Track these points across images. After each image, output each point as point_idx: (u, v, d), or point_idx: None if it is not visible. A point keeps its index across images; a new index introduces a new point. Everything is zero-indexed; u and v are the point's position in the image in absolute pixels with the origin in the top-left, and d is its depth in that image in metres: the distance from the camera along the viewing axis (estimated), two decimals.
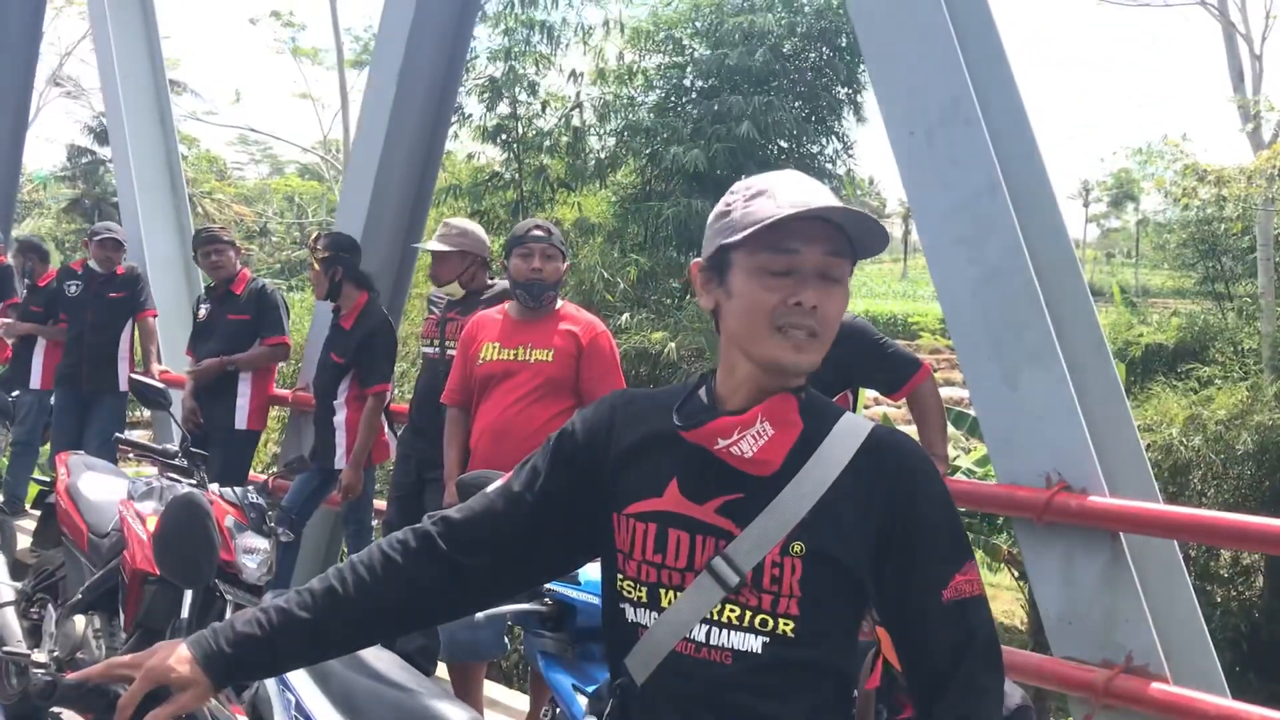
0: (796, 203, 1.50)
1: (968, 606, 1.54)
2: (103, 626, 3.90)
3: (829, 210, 1.51)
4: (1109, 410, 3.79)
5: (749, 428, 1.51)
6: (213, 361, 5.92)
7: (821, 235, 1.52)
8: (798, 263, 1.52)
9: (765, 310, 1.52)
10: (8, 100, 9.66)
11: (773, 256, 1.52)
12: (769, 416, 1.52)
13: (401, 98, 5.84)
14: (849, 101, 18.85)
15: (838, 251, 1.54)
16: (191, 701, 1.59)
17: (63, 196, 35.51)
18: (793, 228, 1.51)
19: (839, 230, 1.53)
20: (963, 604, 1.53)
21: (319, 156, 38.52)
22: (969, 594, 1.54)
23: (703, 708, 1.51)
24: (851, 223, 1.53)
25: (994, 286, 3.65)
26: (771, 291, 1.52)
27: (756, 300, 1.53)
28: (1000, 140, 3.77)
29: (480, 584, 1.67)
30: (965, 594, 1.54)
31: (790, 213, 1.49)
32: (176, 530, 2.19)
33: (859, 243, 1.56)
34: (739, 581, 1.49)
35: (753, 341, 1.54)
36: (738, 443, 1.51)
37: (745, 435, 1.51)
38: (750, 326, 1.54)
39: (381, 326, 5.22)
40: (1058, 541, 3.55)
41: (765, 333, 1.53)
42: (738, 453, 1.52)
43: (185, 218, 7.80)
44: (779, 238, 1.52)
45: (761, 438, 1.51)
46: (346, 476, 5.07)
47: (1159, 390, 15.02)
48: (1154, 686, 3.34)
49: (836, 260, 1.54)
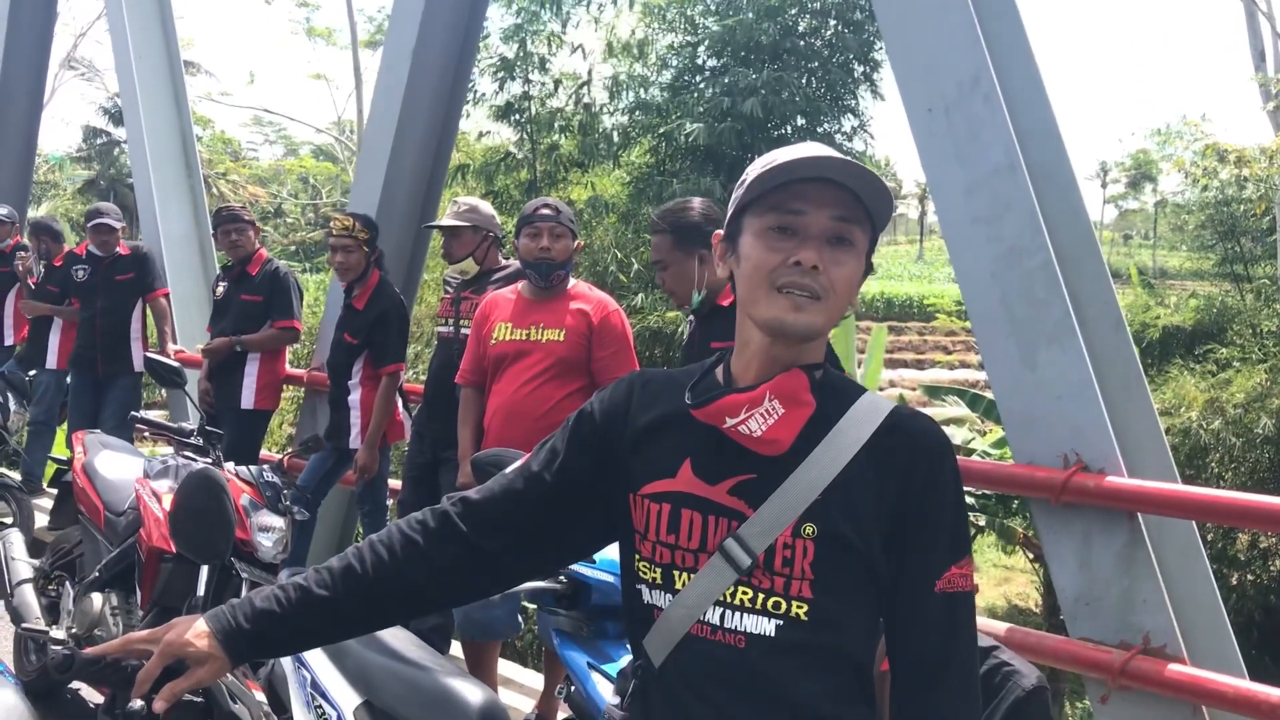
0: (802, 160, 1.49)
1: (957, 601, 1.52)
2: (119, 604, 3.92)
3: (828, 164, 1.49)
4: (1128, 390, 3.76)
5: (757, 406, 1.49)
6: (222, 341, 5.96)
7: (830, 199, 1.50)
8: (802, 224, 1.50)
9: (766, 270, 1.51)
10: (22, 82, 9.66)
11: (778, 217, 1.51)
12: (778, 394, 1.50)
13: (415, 77, 5.82)
14: (865, 79, 18.72)
15: (849, 217, 1.52)
16: (207, 676, 1.59)
17: (78, 177, 35.62)
18: (799, 190, 1.50)
19: (853, 197, 1.51)
20: (953, 598, 1.51)
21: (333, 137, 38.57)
22: (961, 588, 1.52)
23: (719, 690, 1.50)
24: (856, 181, 1.50)
25: (1012, 265, 3.62)
26: (774, 252, 1.51)
27: (759, 260, 1.52)
28: (1019, 117, 3.73)
29: (499, 565, 1.67)
30: (957, 588, 1.52)
31: (789, 162, 1.49)
32: (193, 506, 2.20)
33: (875, 209, 1.54)
34: (751, 563, 1.47)
35: (754, 303, 1.53)
36: (745, 421, 1.49)
37: (754, 414, 1.49)
38: (752, 287, 1.53)
39: (395, 306, 5.22)
40: (1075, 522, 3.53)
41: (765, 292, 1.51)
42: (746, 432, 1.50)
43: (200, 197, 7.80)
44: (785, 199, 1.51)
45: (770, 416, 1.49)
46: (361, 456, 5.08)
47: (1176, 373, 14.93)
48: (1171, 668, 3.32)
49: (846, 225, 1.51)
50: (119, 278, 6.92)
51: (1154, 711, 3.40)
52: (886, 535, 1.49)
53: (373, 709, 2.38)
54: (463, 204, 4.78)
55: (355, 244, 5.14)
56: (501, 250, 4.85)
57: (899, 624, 1.53)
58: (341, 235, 5.16)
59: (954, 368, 29.09)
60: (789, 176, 1.50)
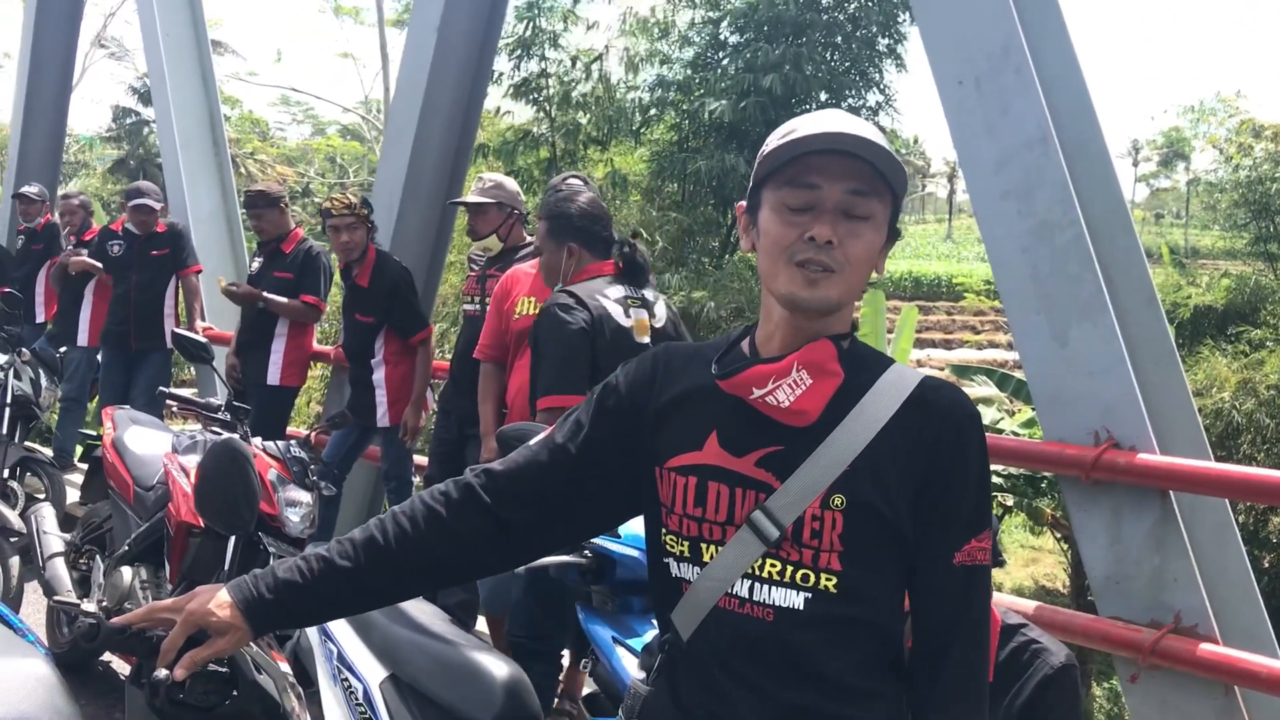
0: (814, 134, 1.47)
1: (974, 575, 1.51)
2: (149, 578, 3.95)
3: (840, 138, 1.47)
4: (1160, 367, 3.72)
5: (784, 376, 1.48)
6: (250, 290, 5.95)
7: (847, 171, 1.48)
8: (817, 198, 1.49)
9: (783, 245, 1.50)
10: (53, 61, 9.73)
11: (793, 192, 1.50)
12: (805, 364, 1.48)
13: (440, 53, 5.80)
14: (889, 52, 18.57)
15: (865, 189, 1.49)
16: (228, 646, 1.59)
17: (108, 157, 35.86)
18: (815, 163, 1.48)
19: (870, 167, 1.49)
20: (970, 571, 1.50)
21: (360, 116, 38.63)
22: (979, 562, 1.51)
23: (747, 663, 1.49)
24: (865, 150, 1.48)
25: (1043, 240, 3.57)
26: (789, 227, 1.49)
27: (776, 235, 1.51)
28: (1051, 90, 3.68)
29: (522, 537, 1.66)
30: (976, 561, 1.50)
31: (801, 138, 1.47)
32: (216, 476, 2.20)
33: (895, 180, 1.51)
34: (779, 535, 1.46)
35: (772, 277, 1.52)
36: (773, 392, 1.48)
37: (781, 384, 1.48)
38: (770, 262, 1.52)
39: (402, 275, 5.26)
40: (1106, 500, 3.49)
41: (782, 267, 1.50)
42: (773, 402, 1.48)
43: (228, 176, 7.83)
44: (800, 172, 1.49)
45: (799, 387, 1.48)
46: (410, 418, 5.10)
47: (1208, 353, 14.76)
48: (1203, 647, 3.29)
49: (862, 198, 1.49)
50: (155, 253, 6.95)
51: (1185, 691, 3.37)
52: (912, 504, 1.48)
53: (398, 682, 2.38)
54: (488, 180, 4.77)
55: (358, 221, 5.14)
56: (526, 227, 4.84)
57: (914, 593, 1.52)
58: (344, 214, 5.13)
59: (982, 347, 28.94)
60: (802, 150, 1.48)
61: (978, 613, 1.52)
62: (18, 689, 1.71)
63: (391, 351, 5.23)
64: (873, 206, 1.50)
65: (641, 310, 3.35)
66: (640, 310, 3.35)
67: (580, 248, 3.40)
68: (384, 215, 5.84)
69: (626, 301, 3.32)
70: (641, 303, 3.36)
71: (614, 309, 3.27)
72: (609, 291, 3.30)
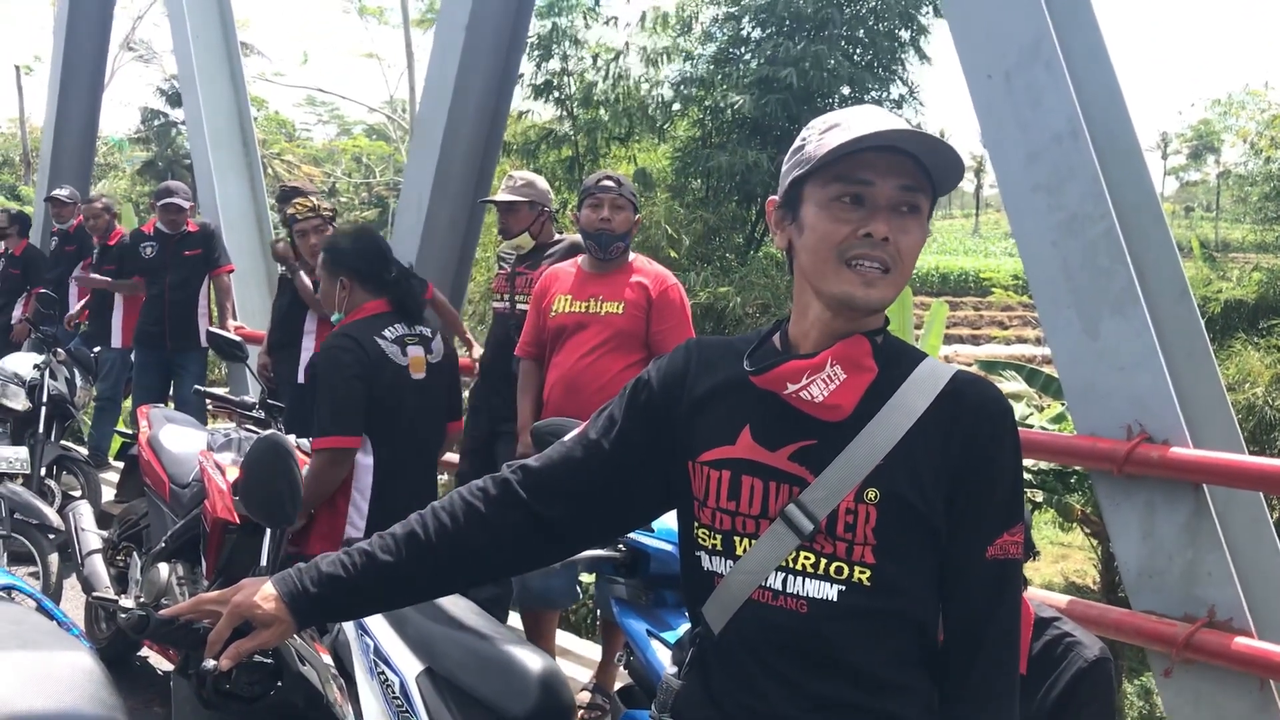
0: (869, 131, 1.47)
1: (1006, 568, 1.51)
2: (185, 574, 4.00)
3: (900, 135, 1.46)
4: (1192, 360, 3.70)
5: (819, 371, 1.48)
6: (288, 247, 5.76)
7: (896, 167, 1.48)
8: (870, 194, 1.48)
9: (834, 242, 1.48)
10: (84, 64, 9.83)
11: (844, 187, 1.49)
12: (840, 360, 1.49)
13: (469, 52, 5.82)
14: (912, 44, 18.48)
15: (914, 185, 1.49)
16: (273, 638, 1.62)
17: (136, 159, 36.17)
18: (866, 159, 1.47)
19: (916, 163, 1.49)
20: (1003, 564, 1.50)
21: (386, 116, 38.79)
22: (1011, 555, 1.51)
23: (780, 656, 1.49)
24: (926, 150, 1.48)
25: (1074, 233, 3.56)
26: (841, 224, 1.48)
27: (826, 232, 1.49)
28: (1081, 83, 3.67)
29: (559, 532, 1.67)
30: (1008, 554, 1.51)
31: (859, 135, 1.45)
32: (261, 470, 2.23)
33: (938, 176, 1.51)
34: (813, 529, 1.47)
35: (821, 277, 1.51)
36: (807, 387, 1.48)
37: (815, 379, 1.48)
38: (819, 260, 1.51)
39: None
40: (1138, 494, 3.48)
41: (834, 266, 1.49)
42: (807, 397, 1.48)
43: (257, 175, 7.90)
44: (851, 168, 1.48)
45: (832, 382, 1.48)
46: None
47: (1240, 348, 14.63)
48: (1238, 641, 3.27)
49: (913, 194, 1.49)
50: (187, 253, 7.00)
51: (1219, 685, 3.36)
52: (946, 498, 1.48)
53: (434, 676, 2.40)
54: (519, 179, 4.78)
55: (324, 222, 5.12)
56: (556, 225, 4.86)
57: (945, 586, 1.52)
58: (309, 217, 5.11)
59: (1010, 343, 28.77)
60: (857, 147, 1.46)
61: (1009, 606, 1.52)
62: (64, 681, 1.75)
63: None
64: (920, 201, 1.51)
65: (418, 347, 3.45)
66: (416, 347, 3.45)
67: (353, 283, 3.49)
68: (413, 214, 5.88)
69: (404, 340, 3.43)
70: (419, 339, 3.47)
71: (390, 349, 3.39)
72: (386, 331, 3.42)
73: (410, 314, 3.47)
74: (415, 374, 3.42)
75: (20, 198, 26.73)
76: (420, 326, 3.49)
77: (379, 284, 3.47)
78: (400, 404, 3.38)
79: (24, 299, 8.34)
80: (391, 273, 3.48)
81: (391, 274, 3.47)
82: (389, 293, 3.47)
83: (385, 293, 3.47)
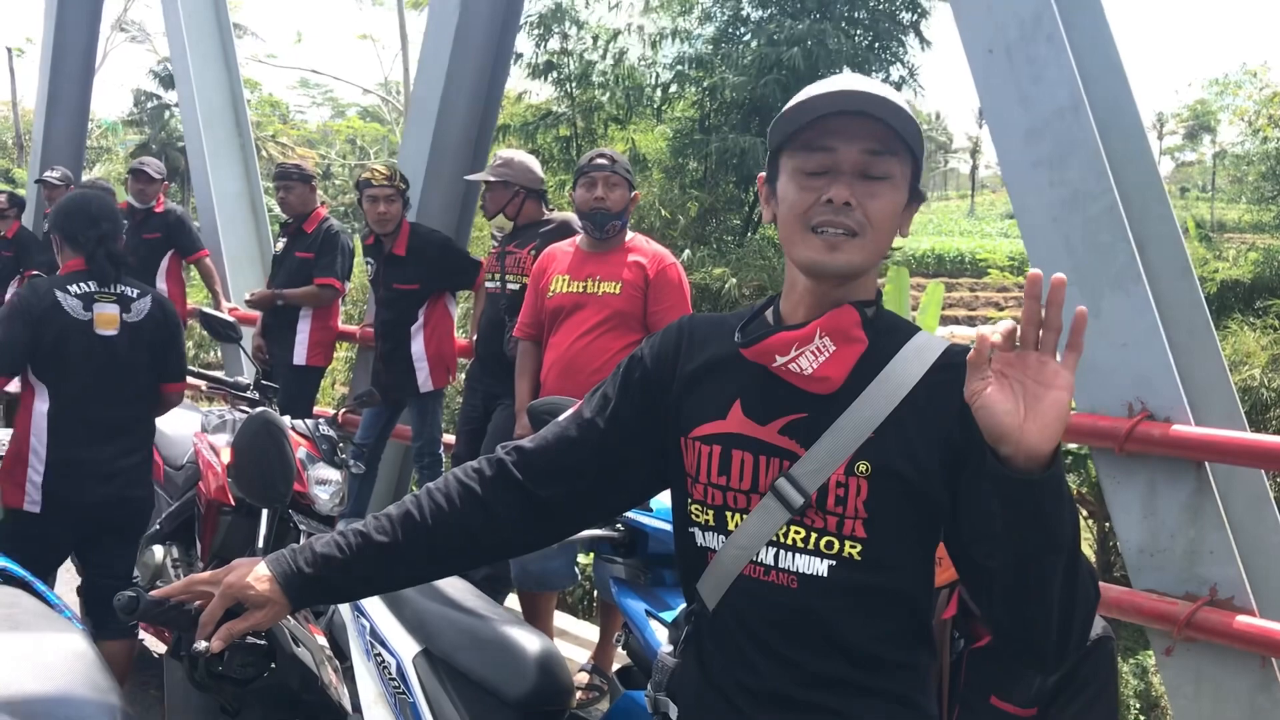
0: (825, 94, 1.45)
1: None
2: (180, 556, 3.98)
3: (847, 98, 1.44)
4: (1194, 337, 3.67)
5: (807, 343, 1.47)
6: (265, 293, 6.02)
7: (862, 132, 1.46)
8: (833, 161, 1.47)
9: (800, 210, 1.49)
10: (75, 46, 9.74)
11: (808, 156, 1.48)
12: (828, 330, 1.47)
13: (463, 32, 5.77)
14: (912, 27, 18.44)
15: (882, 149, 1.47)
16: (266, 619, 1.60)
17: (130, 141, 36.05)
18: (830, 125, 1.46)
19: (886, 127, 1.46)
20: None
21: (380, 98, 38.65)
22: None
23: (773, 632, 1.48)
24: (886, 111, 1.45)
25: (1075, 210, 3.53)
26: (807, 191, 1.48)
27: (794, 201, 1.49)
28: (1083, 57, 3.63)
29: (555, 512, 1.66)
30: None
31: (810, 98, 1.45)
32: (253, 448, 2.21)
33: (914, 139, 1.48)
34: (804, 503, 1.45)
35: (791, 244, 1.51)
36: (796, 359, 1.47)
37: (804, 351, 1.47)
38: (789, 229, 1.51)
39: (442, 235, 5.39)
40: (1140, 472, 3.46)
41: (801, 234, 1.49)
42: (796, 370, 1.47)
43: (251, 156, 7.84)
44: (814, 136, 1.47)
45: (822, 354, 1.47)
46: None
47: (1236, 328, 14.64)
48: (1240, 619, 3.26)
49: (879, 158, 1.47)
50: (146, 236, 6.96)
51: (1221, 664, 3.35)
52: (947, 464, 1.45)
53: (431, 657, 2.39)
54: (499, 158, 4.75)
55: (397, 193, 5.14)
56: (547, 204, 4.81)
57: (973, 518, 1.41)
58: (383, 185, 5.12)
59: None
60: (813, 113, 1.46)
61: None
62: (57, 664, 1.73)
63: (433, 316, 5.24)
64: (890, 166, 1.48)
65: (111, 305, 3.63)
66: (109, 305, 3.63)
67: (60, 241, 3.72)
68: None
69: (91, 296, 3.61)
70: (117, 298, 3.65)
71: (70, 303, 3.58)
72: (71, 287, 3.60)
73: (103, 275, 3.63)
74: (103, 329, 3.60)
75: (14, 181, 26.65)
76: (123, 287, 3.67)
77: (76, 244, 3.67)
78: (71, 355, 3.55)
79: (16, 281, 8.29)
80: (94, 236, 3.66)
81: (93, 237, 3.66)
82: (84, 252, 3.64)
83: (82, 252, 3.65)
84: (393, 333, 5.30)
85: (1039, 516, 1.29)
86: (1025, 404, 1.27)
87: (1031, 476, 1.27)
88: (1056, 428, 1.25)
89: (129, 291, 3.68)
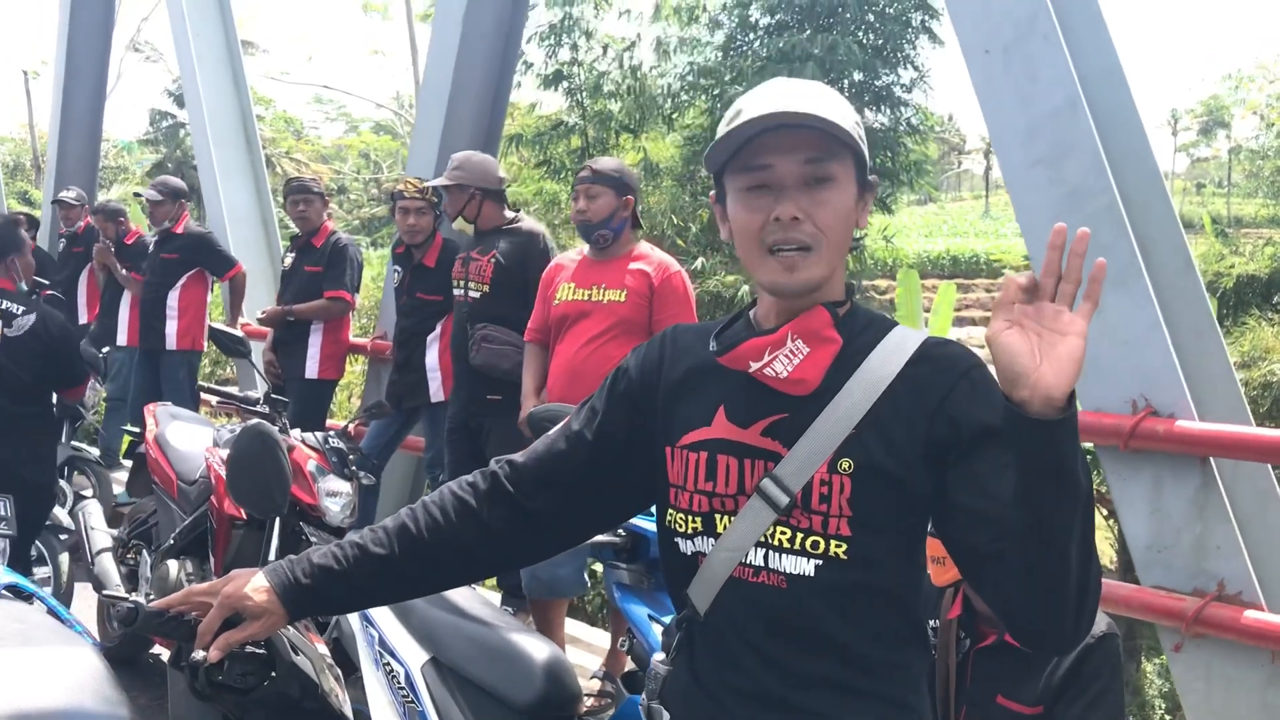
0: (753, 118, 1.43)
1: None
2: (194, 570, 4.00)
3: (768, 119, 1.42)
4: (1198, 333, 3.67)
5: (780, 347, 1.48)
6: (276, 309, 6.05)
7: (797, 143, 1.45)
8: (773, 178, 1.46)
9: (752, 232, 1.48)
10: (88, 67, 9.84)
11: (749, 175, 1.48)
12: (800, 333, 1.48)
13: (466, 44, 5.81)
14: (923, 28, 18.40)
15: (821, 155, 1.46)
16: (263, 630, 1.62)
17: (146, 161, 36.26)
18: (764, 142, 1.45)
19: (819, 133, 1.45)
20: None
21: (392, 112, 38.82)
22: None
23: (764, 633, 1.49)
24: (806, 122, 1.43)
25: (1075, 208, 3.53)
26: (755, 212, 1.48)
27: (744, 224, 1.49)
28: (1080, 57, 3.64)
29: (548, 525, 1.67)
30: None
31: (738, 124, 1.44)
32: (246, 459, 2.23)
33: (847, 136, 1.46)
34: (789, 502, 1.46)
35: (752, 266, 1.51)
36: (770, 364, 1.48)
37: (778, 355, 1.47)
38: (747, 253, 1.51)
39: None
40: (1145, 468, 3.46)
41: (759, 257, 1.49)
42: (772, 374, 1.48)
43: (261, 173, 7.90)
44: (751, 155, 1.47)
45: (795, 356, 1.47)
46: None
47: (1254, 323, 14.54)
48: (1248, 614, 3.26)
49: (820, 165, 1.46)
50: (164, 255, 6.97)
51: (1230, 659, 3.34)
52: (931, 457, 1.44)
53: (439, 665, 2.41)
54: (454, 160, 4.71)
55: (427, 206, 5.20)
56: (510, 205, 4.79)
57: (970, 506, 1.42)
58: (415, 198, 5.19)
59: None
60: (741, 139, 1.45)
61: None
62: (68, 678, 1.75)
63: (449, 329, 5.27)
64: (831, 168, 1.47)
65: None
66: None
67: None
68: None
69: None
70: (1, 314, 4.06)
71: None
72: None
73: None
74: None
75: (31, 202, 26.85)
76: (7, 304, 4.12)
77: None
78: None
79: None
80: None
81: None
82: None
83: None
84: (409, 341, 5.34)
85: (1058, 459, 1.27)
86: (1041, 351, 1.27)
87: (1048, 417, 1.26)
88: (1072, 371, 1.24)
89: (13, 308, 4.15)
